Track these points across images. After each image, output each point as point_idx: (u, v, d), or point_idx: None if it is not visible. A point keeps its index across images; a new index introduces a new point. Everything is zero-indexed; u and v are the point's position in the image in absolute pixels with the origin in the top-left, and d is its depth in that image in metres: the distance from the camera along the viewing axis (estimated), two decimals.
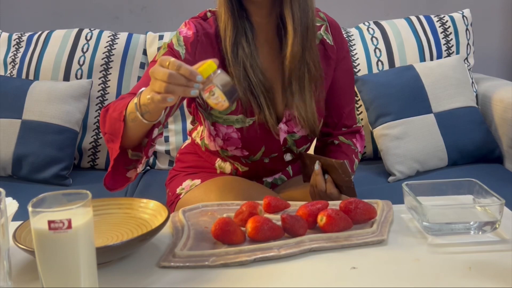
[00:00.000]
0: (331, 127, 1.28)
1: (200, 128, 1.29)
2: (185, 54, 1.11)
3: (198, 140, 1.30)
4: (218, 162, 1.29)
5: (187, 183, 1.26)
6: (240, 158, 1.22)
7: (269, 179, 1.30)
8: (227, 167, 1.28)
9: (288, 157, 1.25)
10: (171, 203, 1.27)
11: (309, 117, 1.16)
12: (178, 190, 1.26)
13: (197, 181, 1.24)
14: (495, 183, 1.29)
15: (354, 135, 1.30)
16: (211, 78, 0.84)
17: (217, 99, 0.84)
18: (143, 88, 0.94)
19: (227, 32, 1.12)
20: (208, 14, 1.18)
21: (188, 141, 1.38)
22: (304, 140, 1.22)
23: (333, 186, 1.11)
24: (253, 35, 1.14)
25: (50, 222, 0.64)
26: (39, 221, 0.65)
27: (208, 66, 0.84)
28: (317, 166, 1.12)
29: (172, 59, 0.83)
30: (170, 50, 1.12)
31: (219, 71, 0.85)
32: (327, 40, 1.22)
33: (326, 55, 1.21)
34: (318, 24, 1.20)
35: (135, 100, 0.93)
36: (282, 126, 1.19)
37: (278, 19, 1.15)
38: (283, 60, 1.14)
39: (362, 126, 1.34)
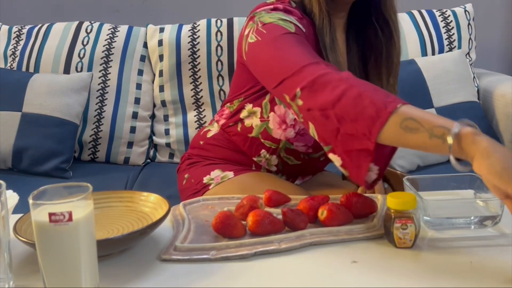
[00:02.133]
0: None
1: (250, 110, 1.18)
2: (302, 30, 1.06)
3: (250, 122, 1.18)
4: (263, 152, 1.19)
5: (216, 173, 1.19)
6: (300, 154, 1.18)
7: (299, 182, 1.26)
8: (273, 159, 1.20)
9: None
10: (196, 192, 1.19)
11: None
12: (206, 180, 1.19)
13: (229, 174, 1.18)
14: None
15: None
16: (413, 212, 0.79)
17: (405, 236, 0.80)
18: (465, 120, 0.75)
19: (325, 30, 1.09)
20: (293, 3, 1.14)
21: (215, 130, 1.26)
22: None
23: None
24: (334, 26, 1.13)
25: (50, 214, 0.64)
26: (39, 213, 0.65)
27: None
28: None
29: None
30: (297, 26, 1.04)
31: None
32: None
33: None
34: None
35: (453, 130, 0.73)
36: None
37: (349, 16, 1.19)
38: (389, 62, 1.21)
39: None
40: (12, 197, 0.92)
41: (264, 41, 1.02)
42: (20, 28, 1.96)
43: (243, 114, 1.19)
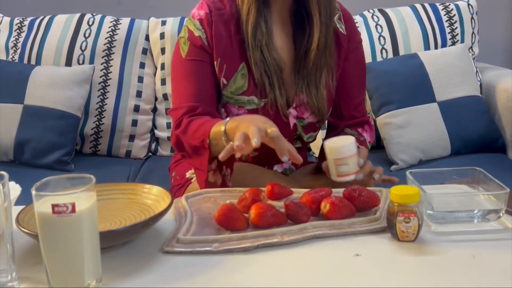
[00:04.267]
0: (337, 118, 1.27)
1: None
2: (206, 39, 1.16)
3: None
4: None
5: None
6: None
7: (279, 169, 1.28)
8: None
9: (298, 144, 1.26)
10: (180, 187, 1.25)
11: (319, 103, 1.18)
12: (188, 174, 1.24)
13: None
14: (498, 172, 1.27)
15: (362, 126, 1.29)
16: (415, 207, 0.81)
17: (408, 229, 0.80)
18: (228, 119, 1.02)
19: (250, 16, 1.14)
20: None
21: None
22: (312, 127, 1.23)
23: None
24: (270, 16, 1.17)
25: (54, 205, 0.64)
26: (42, 204, 0.65)
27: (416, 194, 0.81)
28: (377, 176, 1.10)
29: (275, 129, 0.94)
30: (194, 43, 1.17)
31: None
32: (340, 29, 1.22)
33: (338, 44, 1.22)
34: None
35: (222, 128, 1.01)
36: (292, 111, 1.20)
37: (293, 3, 1.17)
38: (307, 50, 1.16)
39: (372, 118, 1.33)
40: (14, 189, 0.92)
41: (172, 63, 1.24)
42: (21, 20, 1.96)
43: None
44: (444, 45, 1.90)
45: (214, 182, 1.08)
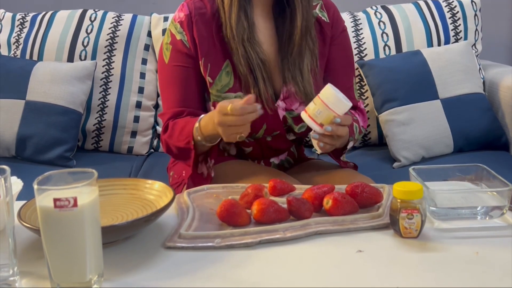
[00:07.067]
0: None
1: None
2: (187, 41, 1.18)
3: None
4: (222, 143, 1.27)
5: None
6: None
7: (276, 161, 1.29)
8: (232, 148, 1.28)
9: (291, 136, 1.26)
10: (178, 185, 1.26)
11: (307, 91, 1.18)
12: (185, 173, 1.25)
13: None
14: (501, 170, 1.26)
15: (353, 109, 1.29)
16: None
17: (411, 226, 0.80)
18: (202, 116, 1.09)
19: (233, 9, 1.15)
20: None
21: None
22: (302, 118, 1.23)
23: None
24: (251, 10, 1.19)
25: (55, 200, 0.63)
26: (44, 199, 0.65)
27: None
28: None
29: (229, 106, 0.97)
30: (175, 48, 1.19)
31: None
32: (323, 18, 1.25)
33: (321, 32, 1.24)
34: (313, 3, 1.24)
35: (196, 125, 1.09)
36: (280, 103, 1.21)
37: None
38: (290, 35, 1.18)
39: (366, 105, 1.33)
40: (16, 183, 0.91)
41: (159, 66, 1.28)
42: (23, 15, 1.95)
43: None
44: (447, 42, 1.90)
45: (202, 174, 1.14)
